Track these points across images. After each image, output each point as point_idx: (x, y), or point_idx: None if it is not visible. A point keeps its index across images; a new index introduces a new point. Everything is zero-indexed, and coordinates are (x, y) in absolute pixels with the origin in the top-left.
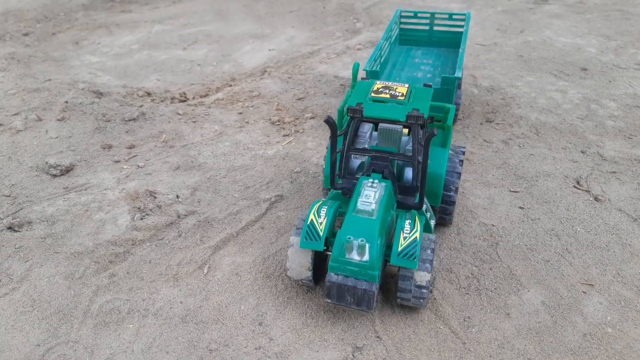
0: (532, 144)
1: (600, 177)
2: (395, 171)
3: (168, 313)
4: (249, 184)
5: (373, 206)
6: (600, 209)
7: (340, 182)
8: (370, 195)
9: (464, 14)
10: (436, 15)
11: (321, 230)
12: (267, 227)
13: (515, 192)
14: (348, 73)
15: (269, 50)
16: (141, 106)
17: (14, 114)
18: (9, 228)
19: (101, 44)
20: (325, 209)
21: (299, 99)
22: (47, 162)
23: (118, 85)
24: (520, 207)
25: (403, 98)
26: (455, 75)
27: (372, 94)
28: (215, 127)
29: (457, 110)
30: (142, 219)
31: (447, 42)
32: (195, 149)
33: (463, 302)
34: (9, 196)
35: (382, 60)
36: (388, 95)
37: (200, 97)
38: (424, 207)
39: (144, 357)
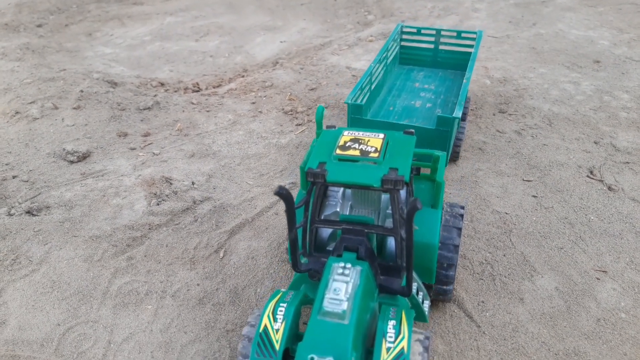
0: (545, 134)
1: (613, 167)
2: (375, 242)
3: (185, 295)
4: (263, 172)
5: (344, 305)
6: (614, 198)
7: (306, 263)
8: (341, 289)
9: (475, 32)
10: (442, 33)
11: (277, 341)
12: (281, 213)
13: (529, 181)
14: (360, 64)
15: (281, 42)
16: (155, 96)
17: (31, 102)
18: (28, 212)
19: (114, 35)
20: (283, 308)
21: (312, 89)
22: (64, 149)
23: (131, 75)
24: (534, 196)
25: (376, 155)
26: (454, 115)
27: (338, 151)
28: (229, 116)
29: (458, 147)
30: (158, 204)
31: (454, 63)
32: (209, 138)
33: (477, 287)
34: (27, 181)
35: (372, 88)
36: (357, 152)
37: (213, 87)
38: (415, 286)
39: (163, 337)
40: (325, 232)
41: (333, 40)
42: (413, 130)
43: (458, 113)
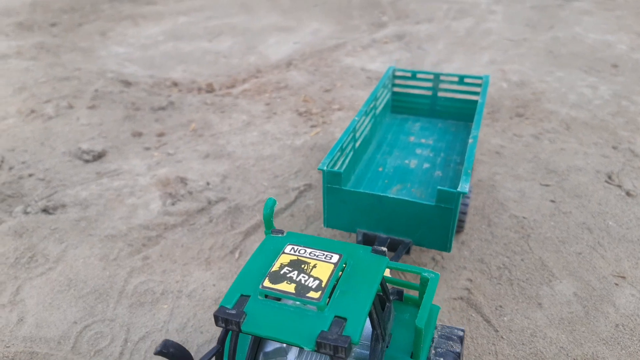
0: (563, 138)
1: (631, 173)
2: None
3: (201, 295)
4: (278, 173)
5: None
6: (632, 204)
7: None
8: None
9: (481, 77)
10: (441, 77)
11: None
12: (296, 214)
13: (547, 185)
14: (375, 66)
15: (294, 43)
16: (169, 96)
17: (46, 101)
18: (44, 210)
19: (127, 35)
20: None
21: (326, 90)
22: (79, 148)
23: (145, 75)
24: (552, 201)
25: (318, 294)
26: (460, 189)
27: (267, 282)
28: (243, 117)
29: (463, 216)
30: (173, 204)
31: (456, 113)
32: (223, 138)
33: (495, 292)
34: (43, 180)
35: (357, 146)
36: (292, 287)
37: (227, 87)
38: None
39: (179, 337)
40: None
41: (347, 42)
42: (385, 250)
43: (464, 187)
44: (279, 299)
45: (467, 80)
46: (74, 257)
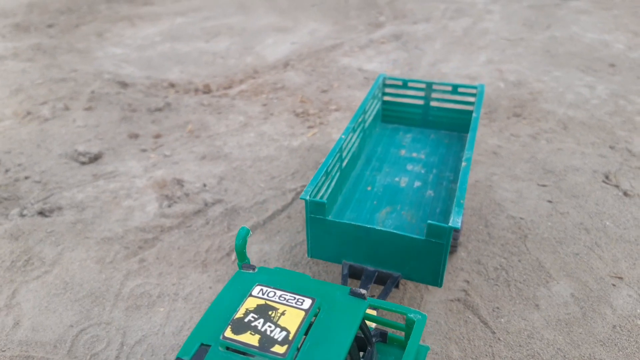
0: (560, 138)
1: (629, 172)
2: None
3: (197, 298)
4: (275, 174)
5: None
6: (629, 204)
7: None
8: None
9: (475, 87)
10: (434, 87)
11: None
12: (293, 216)
13: (544, 186)
14: (372, 66)
15: (291, 43)
16: (166, 97)
17: (42, 103)
18: (40, 213)
19: (124, 36)
20: None
21: (323, 91)
22: (76, 150)
23: (142, 76)
24: (549, 201)
25: (284, 350)
26: (451, 224)
27: (228, 331)
28: (240, 118)
29: (456, 240)
30: (170, 206)
31: (449, 123)
32: (220, 140)
33: (492, 293)
34: (39, 182)
35: (343, 165)
36: (255, 340)
37: (224, 88)
38: None
39: (175, 340)
40: None
41: (344, 42)
42: (364, 292)
43: (457, 221)
44: (242, 352)
45: (460, 90)
46: (70, 260)
